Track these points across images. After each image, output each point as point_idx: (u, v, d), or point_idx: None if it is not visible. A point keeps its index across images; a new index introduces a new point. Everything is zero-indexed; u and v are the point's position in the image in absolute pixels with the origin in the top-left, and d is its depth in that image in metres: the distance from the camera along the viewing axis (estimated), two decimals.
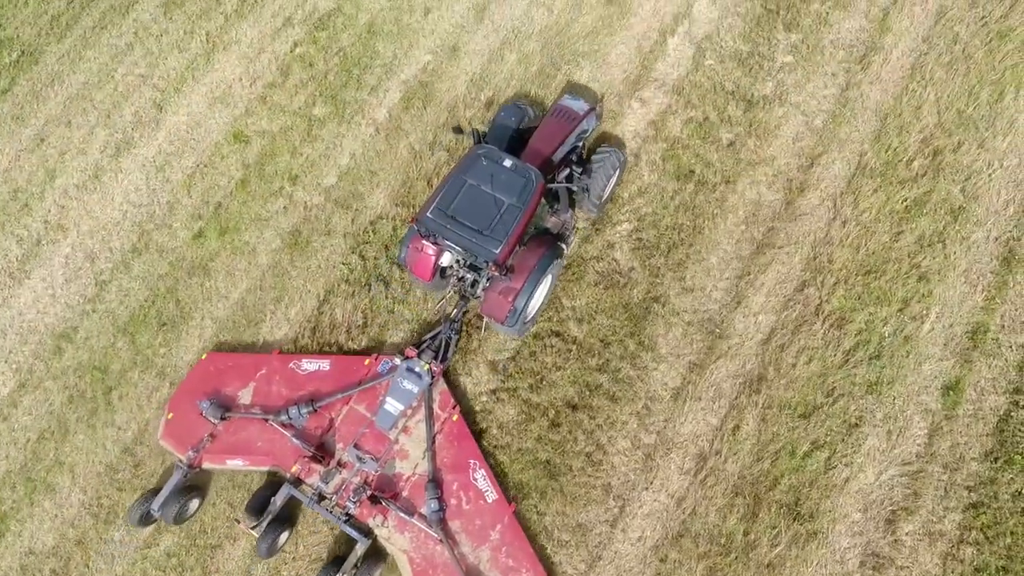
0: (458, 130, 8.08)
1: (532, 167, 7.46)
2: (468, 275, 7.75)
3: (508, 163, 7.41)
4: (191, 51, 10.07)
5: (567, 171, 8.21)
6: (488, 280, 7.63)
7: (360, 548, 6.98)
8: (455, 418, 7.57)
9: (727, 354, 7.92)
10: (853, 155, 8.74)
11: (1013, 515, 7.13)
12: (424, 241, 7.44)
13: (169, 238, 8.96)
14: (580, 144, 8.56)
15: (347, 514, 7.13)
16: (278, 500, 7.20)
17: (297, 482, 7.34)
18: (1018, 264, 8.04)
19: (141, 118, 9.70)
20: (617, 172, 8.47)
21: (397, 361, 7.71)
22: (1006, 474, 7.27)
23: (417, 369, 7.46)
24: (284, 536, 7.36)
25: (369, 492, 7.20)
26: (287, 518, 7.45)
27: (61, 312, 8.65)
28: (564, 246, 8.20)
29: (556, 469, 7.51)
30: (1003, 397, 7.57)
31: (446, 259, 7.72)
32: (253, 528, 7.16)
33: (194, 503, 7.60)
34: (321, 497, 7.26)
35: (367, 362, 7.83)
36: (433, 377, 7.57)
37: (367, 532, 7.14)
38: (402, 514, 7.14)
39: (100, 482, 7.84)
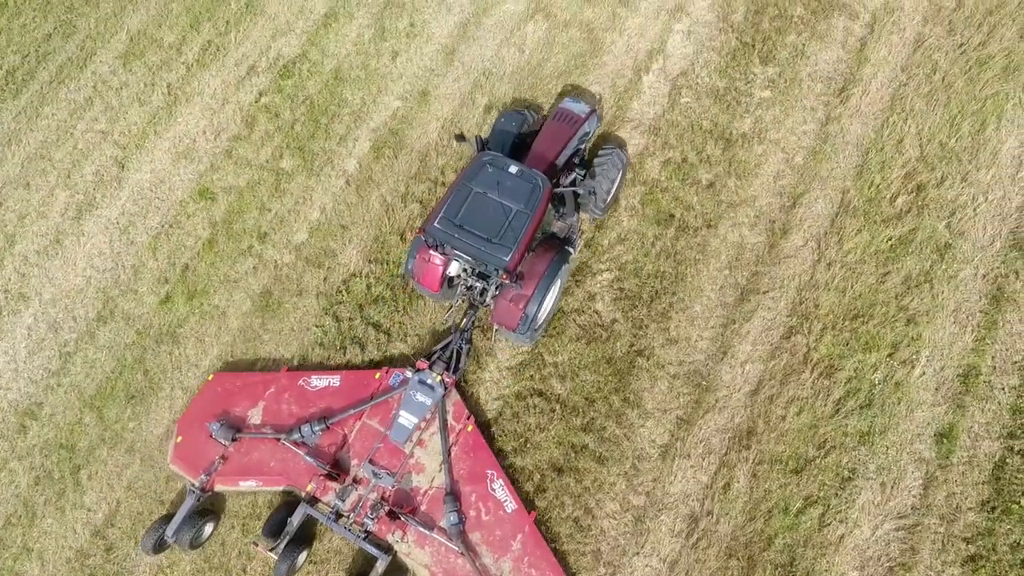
0: (461, 138, 8.02)
1: (538, 173, 7.42)
2: (477, 284, 7.65)
3: (514, 169, 7.36)
4: (152, 104, 9.76)
5: (573, 175, 8.13)
6: (497, 288, 7.58)
7: (381, 565, 6.88)
8: (470, 428, 7.48)
9: (715, 407, 7.71)
10: (835, 193, 8.55)
11: (1012, 568, 6.95)
12: (431, 251, 7.37)
13: (135, 304, 8.65)
14: (582, 146, 8.55)
15: (366, 531, 7.03)
16: (295, 520, 7.08)
17: (313, 501, 7.26)
18: (1007, 302, 7.88)
19: (102, 177, 9.38)
20: (621, 172, 8.38)
21: (408, 374, 7.62)
22: (1003, 524, 7.08)
23: (429, 381, 7.39)
24: (303, 557, 7.26)
25: (387, 508, 7.12)
26: (305, 538, 7.35)
27: (24, 387, 8.32)
28: (571, 250, 8.16)
29: (544, 538, 7.27)
30: (997, 443, 7.40)
31: (453, 268, 7.63)
32: (271, 550, 7.00)
33: (208, 527, 7.48)
34: (338, 515, 7.15)
35: (377, 376, 7.73)
36: (446, 388, 7.49)
37: (387, 548, 7.06)
38: (421, 528, 7.05)
39: (70, 568, 7.52)
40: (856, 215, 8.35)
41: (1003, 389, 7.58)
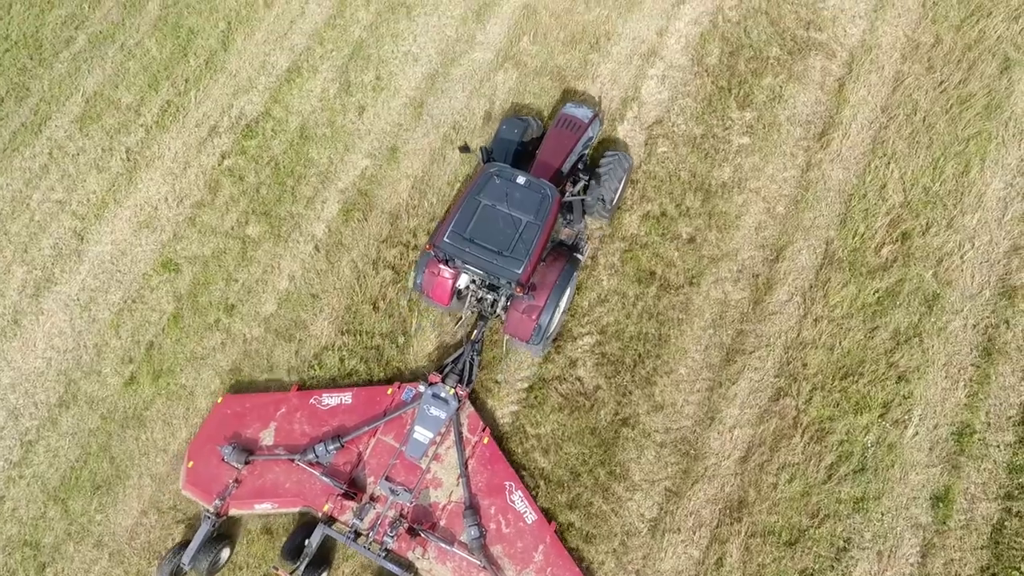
0: (465, 148, 8.01)
1: (547, 182, 7.36)
2: (487, 295, 7.59)
3: (522, 180, 7.30)
4: (111, 170, 9.38)
5: (581, 183, 8.06)
6: (508, 299, 7.52)
7: None
8: (486, 441, 7.43)
9: (704, 476, 7.45)
10: (819, 243, 8.31)
11: None
12: (441, 265, 7.31)
13: (99, 386, 8.29)
14: (586, 151, 8.50)
15: (386, 549, 6.97)
16: (313, 541, 6.99)
17: (331, 521, 7.19)
18: (999, 354, 7.67)
19: (61, 250, 9.01)
20: (626, 175, 8.35)
21: (421, 388, 7.52)
22: None
23: (443, 395, 7.32)
24: None
25: (406, 524, 7.06)
26: (324, 559, 7.27)
27: None
28: (580, 256, 8.07)
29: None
30: (995, 504, 7.18)
31: (462, 281, 7.59)
32: (291, 573, 6.90)
33: (225, 552, 7.37)
34: (357, 534, 7.09)
35: (389, 391, 7.64)
36: (460, 401, 7.41)
37: (408, 566, 7.01)
38: (442, 544, 6.99)
39: None
40: (841, 267, 8.12)
41: (998, 447, 7.37)
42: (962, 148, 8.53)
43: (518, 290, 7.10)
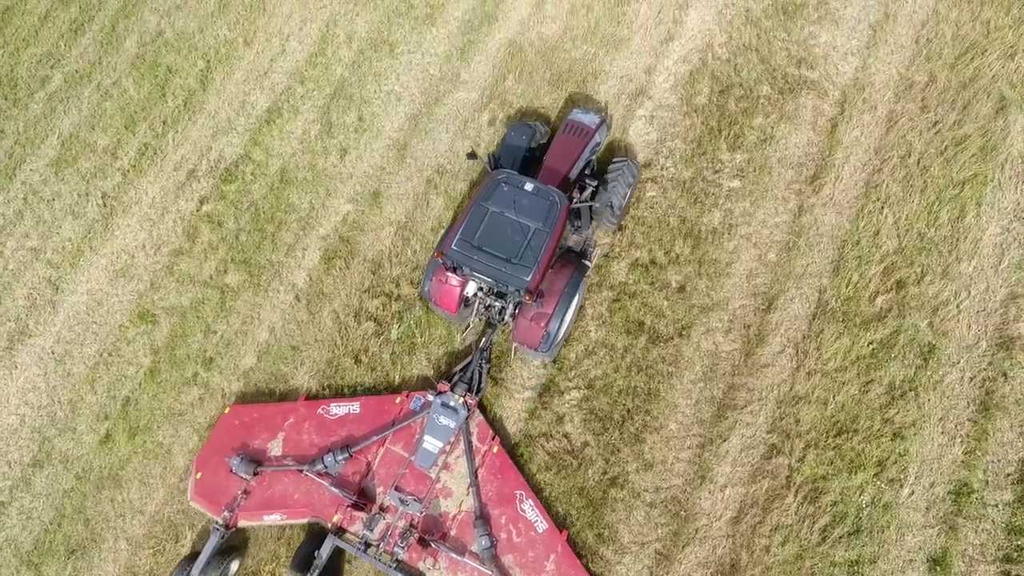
0: (472, 155, 7.98)
1: (555, 189, 7.38)
2: (495, 303, 7.57)
3: (530, 187, 7.32)
4: (87, 217, 9.16)
5: (589, 189, 8.08)
6: (516, 306, 7.51)
7: None
8: (495, 450, 7.38)
9: (695, 538, 7.24)
10: (812, 291, 8.11)
11: None
12: (449, 273, 7.31)
13: (74, 444, 8.07)
14: (593, 157, 8.45)
15: (396, 560, 6.93)
16: (323, 553, 6.92)
17: (340, 532, 7.15)
18: (996, 408, 7.46)
19: (35, 301, 8.78)
20: (634, 182, 8.34)
21: (430, 397, 7.51)
22: None
23: (452, 403, 7.29)
24: None
25: (416, 535, 7.02)
26: (334, 570, 7.24)
27: None
28: (588, 263, 8.08)
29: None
30: (993, 566, 6.97)
31: (470, 288, 7.59)
32: None
33: (234, 565, 7.34)
34: (367, 545, 7.03)
35: (398, 400, 7.62)
36: (469, 410, 7.38)
37: None
38: (453, 554, 6.94)
39: None
40: (835, 318, 7.92)
41: (996, 506, 7.17)
42: (957, 192, 8.33)
43: (527, 298, 7.08)
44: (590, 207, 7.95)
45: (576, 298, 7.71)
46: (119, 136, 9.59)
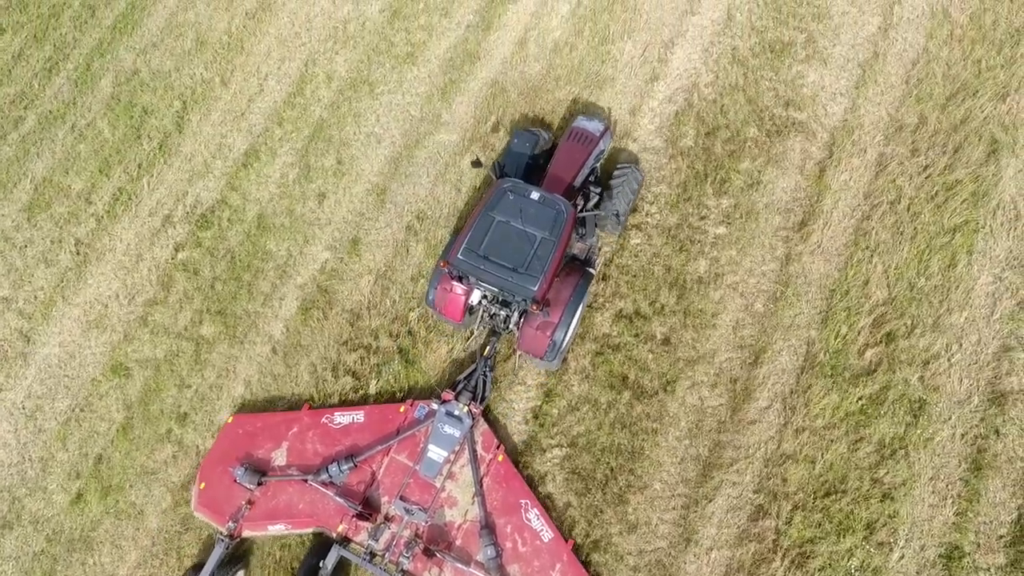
0: (477, 163, 7.96)
1: (561, 198, 7.34)
2: (499, 311, 7.54)
3: (536, 196, 7.28)
4: (60, 264, 8.95)
5: (595, 198, 8.03)
6: (521, 315, 7.50)
7: None
8: (500, 458, 7.38)
9: None
10: (800, 343, 7.92)
11: None
12: (454, 282, 7.32)
13: (44, 504, 7.86)
14: (597, 164, 8.43)
15: (401, 570, 6.91)
16: (328, 564, 6.91)
17: (345, 542, 7.14)
18: (988, 467, 7.27)
19: (6, 353, 8.56)
20: (638, 189, 8.38)
21: (434, 406, 7.50)
22: None
23: (456, 412, 7.27)
24: None
25: (422, 545, 7.01)
26: None
27: None
28: (592, 270, 8.04)
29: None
30: None
31: (474, 296, 7.58)
32: None
33: (240, 575, 7.35)
34: (372, 555, 7.03)
35: (402, 409, 7.60)
36: (473, 419, 7.37)
37: None
38: (458, 564, 6.92)
39: None
40: (823, 372, 7.72)
41: (989, 570, 6.97)
42: (948, 239, 8.14)
43: (534, 308, 7.05)
44: (595, 216, 7.93)
45: (581, 306, 7.69)
46: (93, 180, 9.39)
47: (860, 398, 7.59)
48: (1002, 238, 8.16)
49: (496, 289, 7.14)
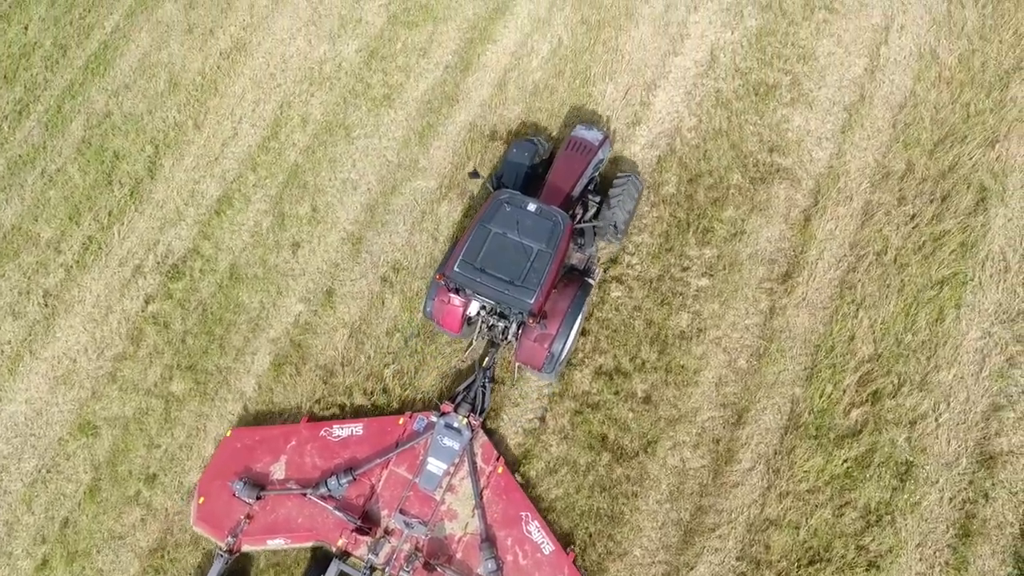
0: (475, 174, 7.95)
1: (558, 210, 7.31)
2: (498, 323, 7.51)
3: (533, 207, 7.25)
4: (28, 316, 8.72)
5: (593, 209, 7.99)
6: (520, 326, 7.45)
7: None
8: (500, 470, 7.33)
9: None
10: (784, 401, 7.71)
11: None
12: (451, 294, 7.31)
13: (9, 571, 7.64)
14: (596, 174, 8.36)
15: None
16: None
17: (345, 556, 7.08)
18: (977, 533, 7.06)
19: None
20: (638, 197, 8.26)
21: (433, 418, 7.45)
22: None
23: (456, 424, 7.22)
24: None
25: (422, 558, 6.94)
26: None
27: None
28: (591, 281, 7.94)
29: None
30: None
31: (472, 308, 7.52)
32: None
33: None
34: (372, 569, 6.95)
35: (401, 421, 7.55)
36: (473, 431, 7.31)
37: None
38: None
39: None
40: (807, 433, 7.51)
41: None
42: (936, 292, 7.93)
43: (531, 320, 7.03)
44: (594, 227, 7.83)
45: (580, 317, 7.58)
46: (63, 228, 9.17)
47: (845, 460, 7.38)
48: (991, 291, 7.95)
49: (493, 302, 7.11)
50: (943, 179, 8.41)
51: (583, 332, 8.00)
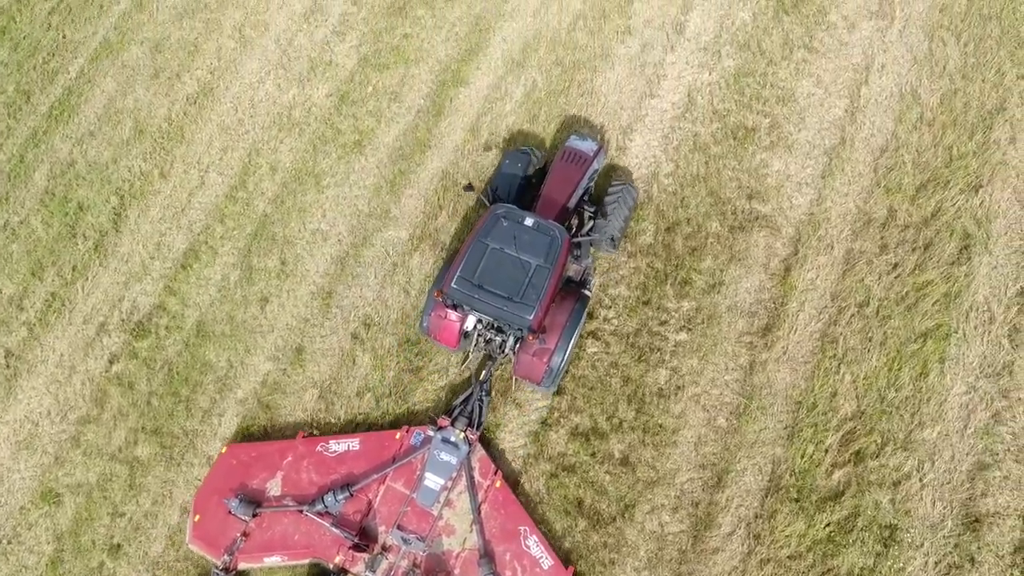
0: (469, 187, 8.05)
1: (556, 224, 7.29)
2: (495, 337, 7.49)
3: (530, 222, 7.22)
4: None
5: (590, 223, 8.02)
6: (517, 340, 7.42)
7: None
8: (498, 484, 7.27)
9: None
10: (765, 462, 7.50)
11: None
12: (449, 309, 7.29)
13: None
14: (590, 184, 8.32)
15: None
16: None
17: (342, 573, 7.07)
18: None
19: None
20: (632, 207, 8.23)
21: (430, 432, 7.38)
22: None
23: (453, 439, 7.15)
24: None
25: (420, 575, 6.89)
26: None
27: None
28: (588, 292, 7.94)
29: None
30: None
31: (469, 322, 7.51)
32: None
33: None
34: None
35: (398, 436, 7.51)
36: (470, 445, 7.24)
37: None
38: None
39: None
40: (789, 496, 7.30)
41: None
42: (919, 346, 7.73)
43: (530, 337, 7.01)
44: (590, 240, 7.80)
45: (578, 330, 7.58)
46: (25, 284, 8.91)
47: (828, 524, 7.18)
48: (976, 343, 7.75)
49: (491, 318, 7.06)
50: (926, 226, 8.22)
51: (558, 391, 7.81)
